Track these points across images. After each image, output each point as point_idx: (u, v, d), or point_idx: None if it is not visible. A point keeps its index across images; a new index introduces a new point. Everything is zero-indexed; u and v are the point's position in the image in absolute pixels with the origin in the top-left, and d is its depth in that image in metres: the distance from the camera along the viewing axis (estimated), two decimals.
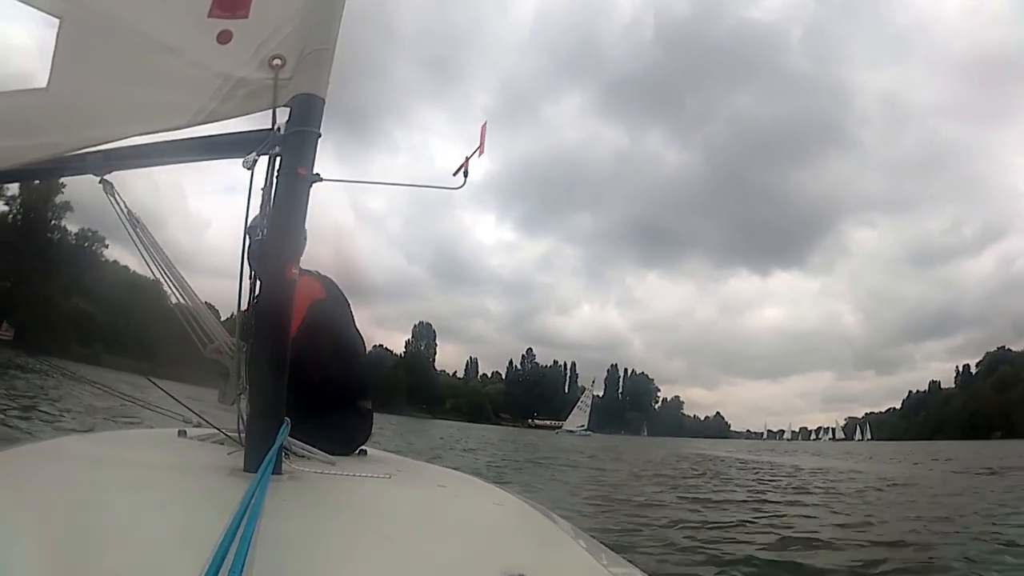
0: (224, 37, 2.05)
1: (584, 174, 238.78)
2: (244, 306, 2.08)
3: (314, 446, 2.22)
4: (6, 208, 70.83)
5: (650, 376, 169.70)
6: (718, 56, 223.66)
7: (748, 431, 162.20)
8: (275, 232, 1.88)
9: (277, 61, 2.01)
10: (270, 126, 2.00)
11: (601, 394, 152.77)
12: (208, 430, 2.71)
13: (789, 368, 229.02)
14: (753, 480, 17.63)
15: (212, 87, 2.01)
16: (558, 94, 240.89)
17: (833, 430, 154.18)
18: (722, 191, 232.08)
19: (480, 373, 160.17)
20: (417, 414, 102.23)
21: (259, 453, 1.69)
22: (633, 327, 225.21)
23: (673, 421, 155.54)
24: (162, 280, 2.22)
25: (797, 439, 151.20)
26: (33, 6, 2.04)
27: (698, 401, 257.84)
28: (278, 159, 1.95)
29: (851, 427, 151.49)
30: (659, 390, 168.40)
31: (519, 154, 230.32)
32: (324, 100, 2.02)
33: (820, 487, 15.57)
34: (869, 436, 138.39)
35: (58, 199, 73.54)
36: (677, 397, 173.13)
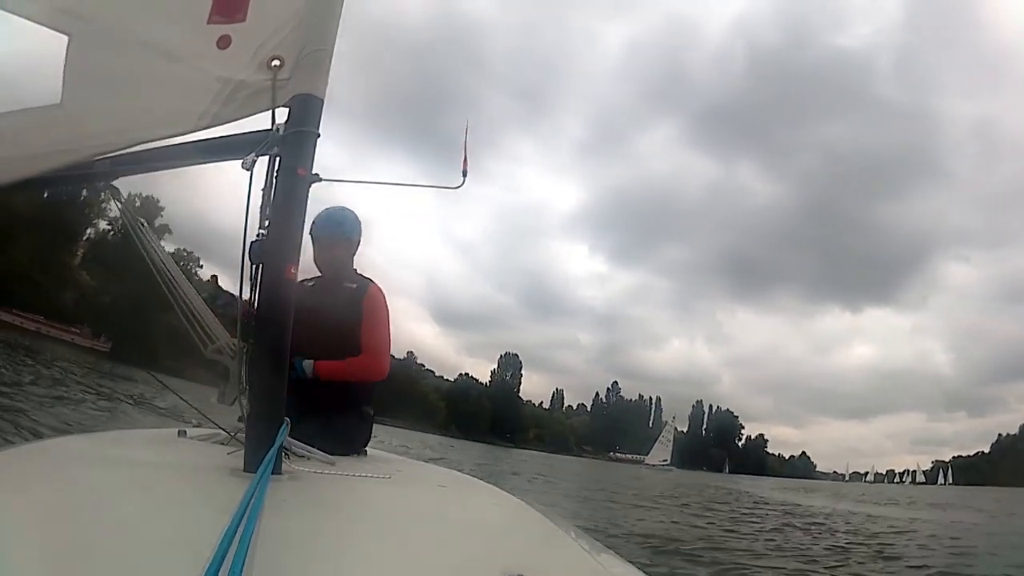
0: (224, 42, 2.09)
1: (675, 205, 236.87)
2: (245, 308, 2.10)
3: (314, 447, 2.24)
4: (108, 227, 74.33)
5: (735, 413, 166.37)
6: (807, 85, 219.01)
7: (835, 472, 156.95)
8: (275, 232, 1.90)
9: (276, 62, 2.05)
10: (268, 127, 2.04)
11: (685, 430, 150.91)
12: (208, 430, 2.73)
13: (878, 408, 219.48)
14: (750, 529, 14.71)
15: (213, 91, 2.05)
16: (648, 124, 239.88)
17: (914, 473, 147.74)
18: (813, 223, 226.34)
19: (566, 404, 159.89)
20: (500, 443, 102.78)
21: (259, 453, 1.70)
22: (721, 362, 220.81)
23: (756, 459, 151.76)
24: (163, 281, 2.27)
25: (883, 481, 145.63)
26: (43, 25, 2.12)
27: (785, 439, 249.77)
28: (277, 159, 1.99)
29: (934, 471, 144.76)
30: (743, 427, 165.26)
31: (611, 184, 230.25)
32: (323, 101, 2.06)
33: (842, 536, 13.87)
34: (951, 480, 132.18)
35: (157, 222, 78.14)
36: (762, 435, 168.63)
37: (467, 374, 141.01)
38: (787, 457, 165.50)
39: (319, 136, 2.03)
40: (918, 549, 11.78)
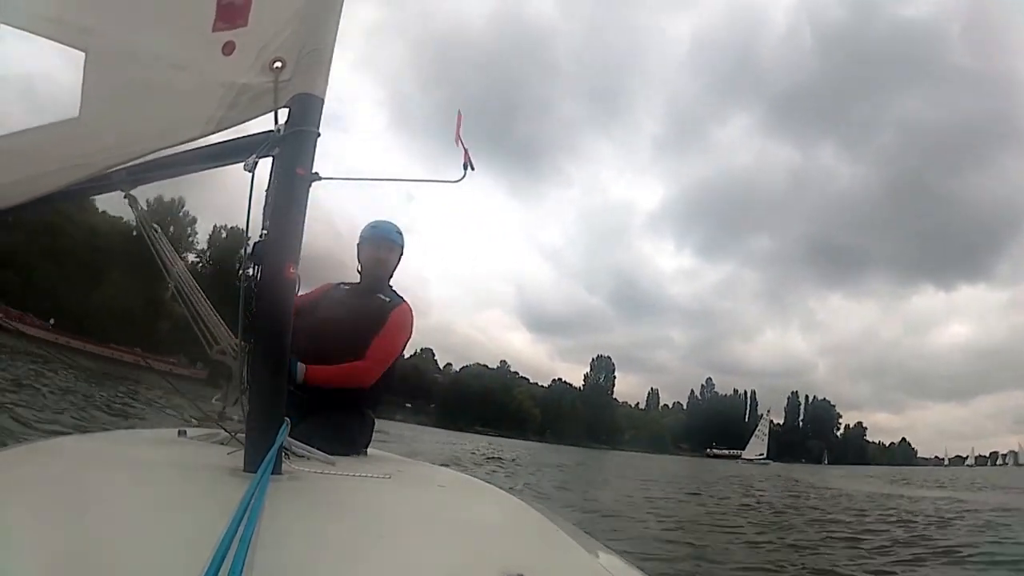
0: (228, 48, 2.12)
1: (758, 195, 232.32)
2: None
3: (314, 447, 2.25)
4: (196, 259, 78.57)
5: (832, 402, 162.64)
6: (878, 60, 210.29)
7: (936, 457, 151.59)
8: (275, 232, 1.91)
9: (277, 64, 2.06)
10: (272, 128, 2.05)
11: (781, 422, 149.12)
12: (208, 430, 2.74)
13: (978, 388, 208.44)
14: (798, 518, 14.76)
15: (218, 96, 2.08)
16: (724, 115, 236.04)
17: (1016, 454, 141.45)
18: (898, 202, 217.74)
19: (661, 404, 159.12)
20: (596, 446, 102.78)
21: (259, 453, 1.71)
22: (816, 351, 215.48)
23: (856, 449, 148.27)
24: (174, 285, 2.33)
25: (986, 463, 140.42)
26: (61, 42, 2.21)
27: (884, 426, 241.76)
28: (278, 160, 2.00)
29: None
30: (840, 416, 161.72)
31: (692, 179, 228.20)
32: (323, 100, 2.08)
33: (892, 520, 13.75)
34: None
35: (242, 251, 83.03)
36: (860, 423, 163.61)
37: (560, 379, 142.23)
38: (887, 444, 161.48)
39: (319, 135, 2.04)
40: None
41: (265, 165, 2.02)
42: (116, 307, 63.52)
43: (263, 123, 2.09)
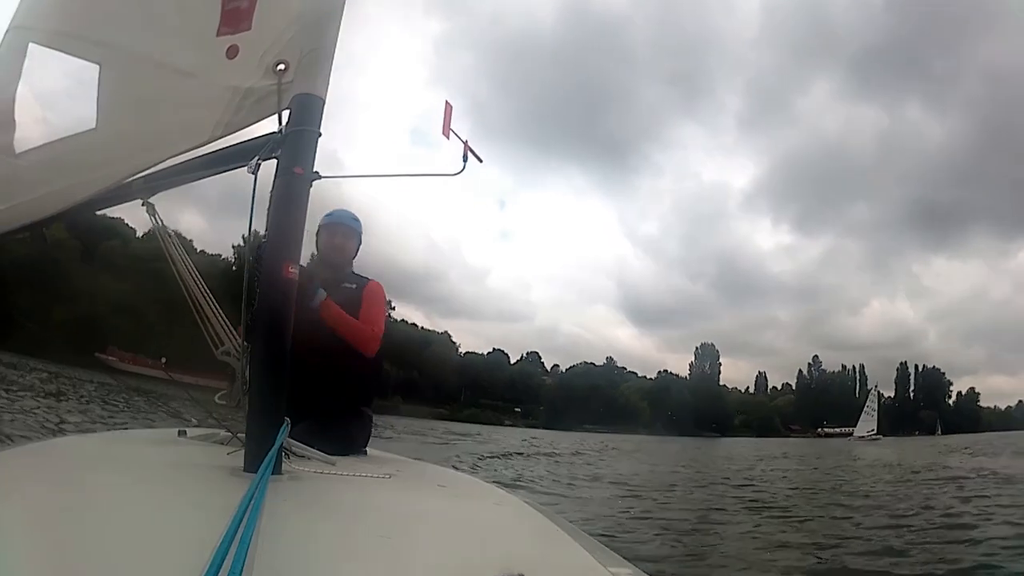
0: (232, 52, 2.14)
1: (849, 162, 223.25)
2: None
3: (313, 447, 2.24)
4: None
5: (942, 370, 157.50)
6: (952, 6, 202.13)
7: None
8: (276, 232, 1.92)
9: (281, 66, 2.07)
10: (276, 129, 2.06)
11: (892, 395, 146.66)
12: (208, 430, 2.76)
13: None
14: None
15: (224, 101, 2.11)
16: (805, 83, 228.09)
17: None
18: (992, 154, 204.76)
19: (770, 386, 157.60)
20: (706, 434, 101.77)
21: (259, 453, 1.72)
22: (924, 318, 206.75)
23: (969, 415, 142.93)
24: (184, 287, 2.34)
25: None
26: (77, 56, 2.28)
27: (999, 390, 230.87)
28: (280, 160, 2.01)
29: None
30: (951, 384, 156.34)
31: (781, 153, 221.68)
32: (324, 100, 2.08)
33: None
34: None
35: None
36: (972, 389, 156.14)
37: (666, 371, 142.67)
38: (1003, 408, 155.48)
39: (320, 135, 2.05)
40: None
41: (270, 167, 2.03)
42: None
43: (269, 124, 2.09)
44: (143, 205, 2.30)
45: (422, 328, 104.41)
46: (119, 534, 1.26)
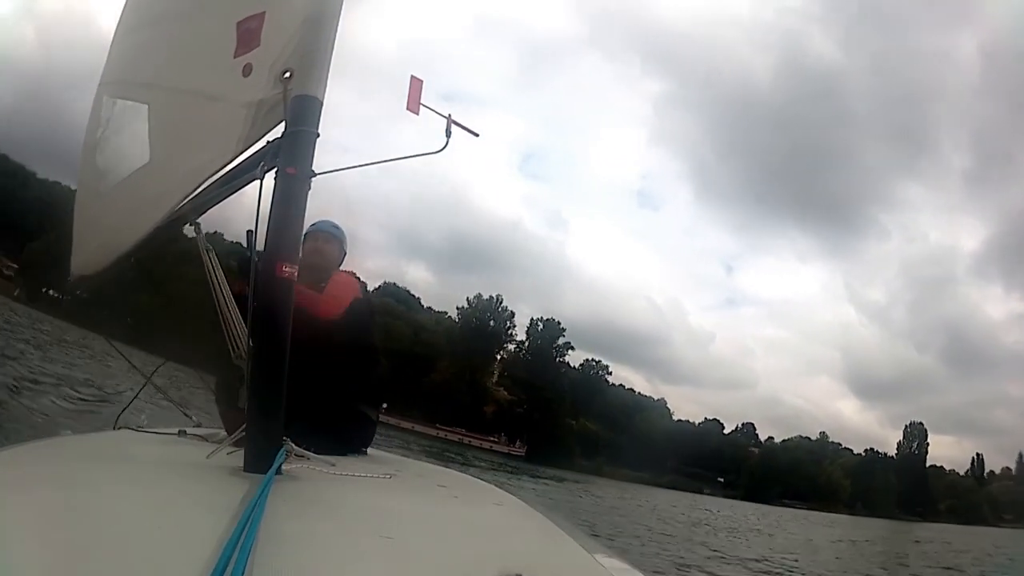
0: (247, 70, 2.23)
1: None
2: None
3: (312, 447, 2.22)
4: (516, 348, 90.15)
5: None
6: None
7: None
8: (274, 233, 1.95)
9: (287, 74, 2.11)
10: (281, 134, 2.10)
11: None
12: (208, 430, 2.80)
13: None
14: None
15: (242, 116, 2.19)
16: None
17: None
18: None
19: (987, 469, 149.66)
20: (907, 518, 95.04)
21: (259, 453, 1.75)
22: None
23: None
24: (216, 300, 2.38)
25: None
26: (129, 100, 2.51)
27: None
28: (278, 160, 2.04)
29: None
30: None
31: (1011, 211, 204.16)
32: (321, 101, 2.11)
33: None
34: None
35: (561, 340, 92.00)
36: None
37: (872, 449, 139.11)
38: None
39: (318, 135, 2.07)
40: None
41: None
42: (442, 393, 73.95)
43: (278, 131, 2.15)
44: (191, 225, 2.44)
45: (638, 393, 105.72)
46: (120, 534, 1.26)
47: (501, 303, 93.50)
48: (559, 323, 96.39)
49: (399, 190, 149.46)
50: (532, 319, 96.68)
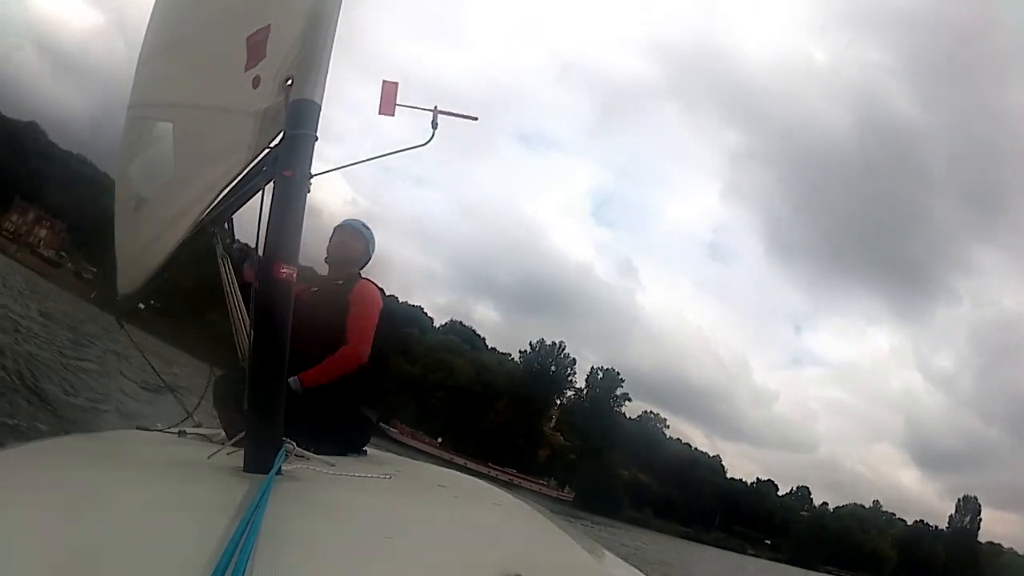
0: (256, 82, 2.29)
1: None
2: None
3: (312, 447, 2.23)
4: (574, 395, 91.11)
5: None
6: None
7: None
8: (273, 234, 1.98)
9: (289, 82, 2.17)
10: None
11: None
12: (208, 430, 2.79)
13: None
14: None
15: (250, 126, 2.27)
16: None
17: None
18: None
19: None
20: None
21: (259, 453, 1.76)
22: None
23: None
24: (231, 305, 2.49)
25: None
26: (156, 120, 2.66)
27: None
28: (278, 164, 2.08)
29: None
30: None
31: None
32: (319, 105, 2.14)
33: None
34: None
35: (619, 390, 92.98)
36: None
37: (922, 521, 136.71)
38: None
39: (317, 139, 2.10)
40: None
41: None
42: (498, 434, 74.47)
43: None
44: (213, 234, 2.54)
45: (695, 448, 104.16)
46: (120, 534, 1.26)
47: (563, 350, 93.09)
48: (618, 373, 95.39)
49: (480, 229, 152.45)
50: (592, 367, 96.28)
